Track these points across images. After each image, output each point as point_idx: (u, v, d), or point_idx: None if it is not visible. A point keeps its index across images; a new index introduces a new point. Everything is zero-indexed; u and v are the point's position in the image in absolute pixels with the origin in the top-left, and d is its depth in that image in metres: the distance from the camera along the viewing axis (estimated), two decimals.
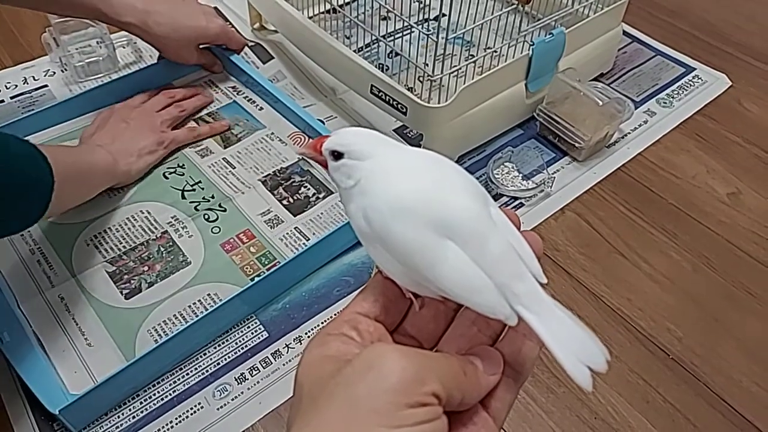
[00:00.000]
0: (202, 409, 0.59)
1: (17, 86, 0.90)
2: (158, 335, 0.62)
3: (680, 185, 0.81)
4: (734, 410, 0.60)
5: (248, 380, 0.60)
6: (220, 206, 0.74)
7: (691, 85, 0.95)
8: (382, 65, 0.86)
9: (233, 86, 0.89)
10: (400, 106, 0.74)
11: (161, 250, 0.69)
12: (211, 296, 0.65)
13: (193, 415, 0.58)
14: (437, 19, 0.69)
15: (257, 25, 0.99)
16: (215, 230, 0.71)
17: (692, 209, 0.78)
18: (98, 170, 0.69)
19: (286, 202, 0.75)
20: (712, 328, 0.66)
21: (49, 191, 0.57)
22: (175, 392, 0.59)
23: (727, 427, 0.59)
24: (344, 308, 0.34)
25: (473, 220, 0.31)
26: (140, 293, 0.65)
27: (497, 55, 0.79)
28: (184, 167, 0.78)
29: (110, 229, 0.71)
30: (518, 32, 0.76)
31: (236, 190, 0.76)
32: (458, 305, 0.35)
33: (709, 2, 1.13)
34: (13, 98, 0.88)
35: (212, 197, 0.75)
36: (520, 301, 0.31)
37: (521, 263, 0.32)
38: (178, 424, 0.57)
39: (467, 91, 0.72)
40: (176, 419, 0.58)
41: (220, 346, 0.63)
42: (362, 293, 0.34)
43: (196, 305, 0.65)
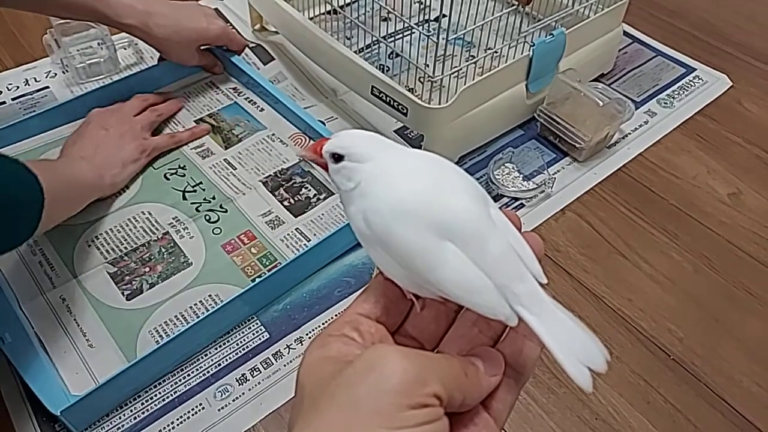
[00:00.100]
0: (203, 409, 0.59)
1: (18, 87, 0.90)
2: (159, 336, 0.62)
3: (681, 186, 0.81)
4: (735, 410, 0.60)
5: (249, 381, 0.61)
6: (221, 207, 0.74)
7: (691, 85, 0.95)
8: (382, 66, 0.86)
9: (234, 87, 0.89)
10: (400, 107, 0.74)
11: (162, 251, 0.69)
12: (212, 297, 0.65)
13: (194, 415, 0.58)
14: (438, 20, 0.69)
15: (258, 26, 0.99)
16: (216, 231, 0.71)
17: (693, 210, 0.78)
18: (84, 185, 0.68)
19: (287, 203, 0.75)
20: (712, 328, 0.66)
21: (39, 210, 0.56)
22: (176, 393, 0.59)
23: (727, 427, 0.59)
24: (345, 309, 0.34)
25: (473, 221, 0.31)
26: (141, 294, 0.66)
27: (498, 55, 0.79)
28: (185, 168, 0.78)
29: (111, 230, 0.71)
30: (519, 33, 0.76)
31: (237, 191, 0.76)
32: (459, 306, 0.35)
33: (709, 2, 1.13)
34: (14, 100, 0.88)
35: (213, 198, 0.75)
36: (520, 301, 0.31)
37: (521, 264, 0.32)
38: (179, 425, 0.58)
39: (468, 91, 0.72)
40: (177, 420, 0.58)
41: (221, 347, 0.63)
42: (363, 294, 0.35)
43: (197, 306, 0.65)
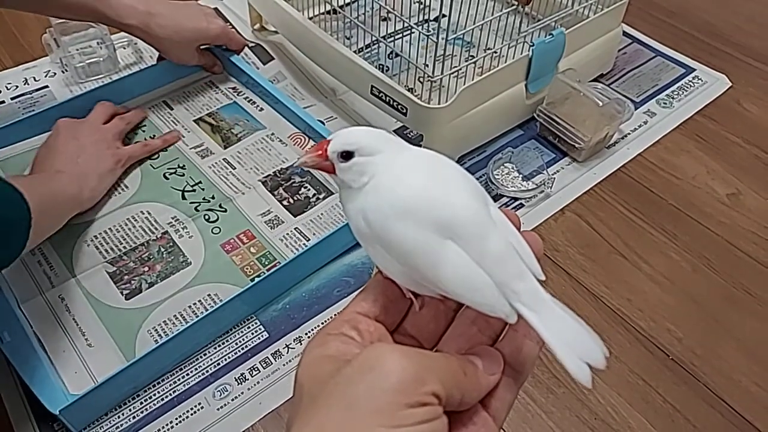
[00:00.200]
0: (202, 409, 0.59)
1: (18, 87, 0.90)
2: (158, 335, 0.62)
3: (680, 186, 0.81)
4: (734, 410, 0.60)
5: (248, 380, 0.61)
6: (220, 207, 0.74)
7: (691, 85, 0.95)
8: (382, 66, 0.86)
9: (233, 87, 0.89)
10: (400, 106, 0.74)
11: (161, 250, 0.69)
12: (211, 297, 0.65)
13: (193, 415, 0.58)
14: (437, 19, 0.69)
15: (257, 25, 0.99)
16: (215, 231, 0.71)
17: (692, 210, 0.78)
18: (65, 199, 0.66)
19: (286, 202, 0.75)
20: (711, 328, 0.66)
21: (27, 229, 0.55)
22: (175, 392, 0.59)
23: (726, 427, 0.59)
24: (344, 308, 0.34)
25: (474, 219, 0.31)
26: (140, 293, 0.65)
27: (497, 55, 0.79)
28: (184, 168, 0.78)
29: (110, 229, 0.71)
30: (518, 33, 0.76)
31: (236, 190, 0.76)
32: (458, 305, 0.35)
33: (708, 3, 1.13)
34: (13, 99, 0.88)
35: (212, 198, 0.75)
36: (519, 299, 0.31)
37: (521, 262, 0.32)
38: (178, 424, 0.58)
39: (467, 91, 0.72)
40: (176, 419, 0.58)
41: (220, 346, 0.63)
42: (362, 293, 0.35)
43: (196, 305, 0.65)
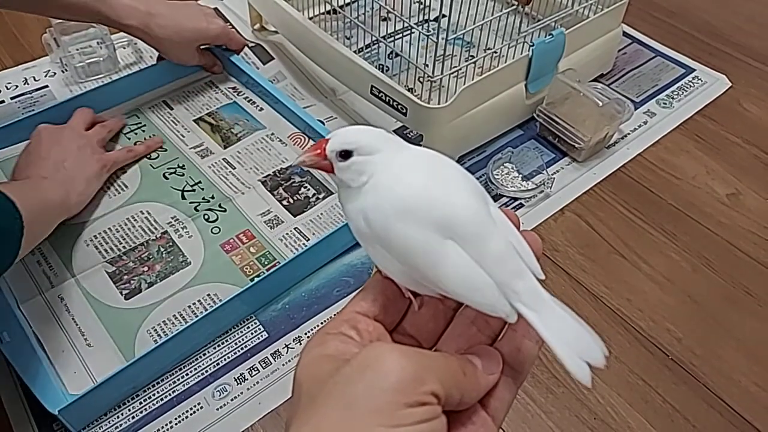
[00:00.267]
0: (201, 409, 0.59)
1: (18, 87, 0.90)
2: (158, 335, 0.62)
3: (680, 186, 0.81)
4: (733, 410, 0.60)
5: (248, 380, 0.61)
6: (220, 206, 0.74)
7: (690, 85, 0.95)
8: (382, 66, 0.86)
9: (233, 87, 0.89)
10: (400, 106, 0.74)
11: (161, 250, 0.69)
12: (210, 296, 0.65)
13: (192, 415, 0.58)
14: (437, 19, 0.69)
15: (257, 25, 0.99)
16: (215, 230, 0.71)
17: (692, 210, 0.78)
18: (53, 206, 0.65)
19: (286, 202, 0.75)
20: (711, 328, 0.66)
21: (19, 239, 0.54)
22: (174, 392, 0.59)
23: (726, 427, 0.59)
24: (343, 308, 0.34)
25: (474, 219, 0.31)
26: (140, 293, 0.65)
27: (497, 55, 0.79)
28: (184, 168, 0.78)
29: (110, 229, 0.71)
30: (518, 33, 0.76)
31: (236, 190, 0.76)
32: (457, 304, 0.35)
33: (708, 3, 1.13)
34: (13, 99, 0.88)
35: (212, 197, 0.75)
36: (519, 298, 0.31)
37: (521, 261, 0.32)
38: (177, 424, 0.58)
39: (467, 91, 0.72)
40: (176, 419, 0.58)
41: (219, 346, 0.63)
42: (361, 293, 0.34)
43: (195, 305, 0.65)
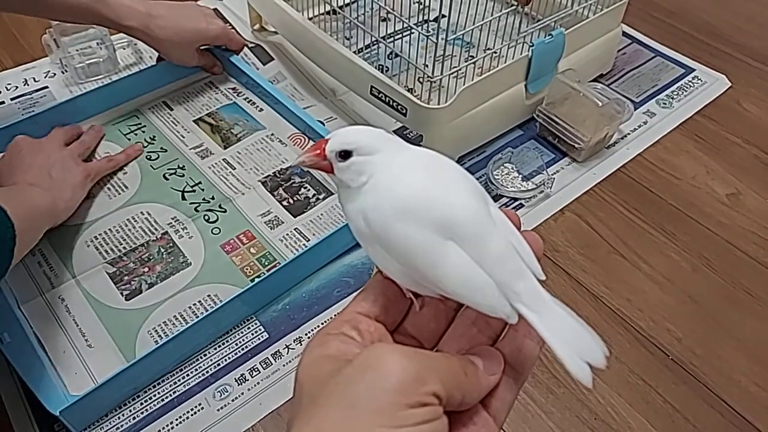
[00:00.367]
0: (202, 410, 0.59)
1: (18, 87, 0.90)
2: (158, 336, 0.62)
3: (680, 186, 0.81)
4: (734, 410, 0.60)
5: (248, 381, 0.61)
6: (220, 207, 0.74)
7: (690, 85, 0.95)
8: (381, 66, 0.86)
9: (233, 87, 0.89)
10: (399, 107, 0.74)
11: (161, 251, 0.69)
12: (211, 297, 0.65)
13: (193, 416, 0.58)
14: (437, 20, 0.69)
15: (257, 26, 0.99)
16: (215, 231, 0.71)
17: (692, 210, 0.78)
18: (41, 212, 0.64)
19: (286, 203, 0.75)
20: (711, 328, 0.66)
21: (12, 247, 0.54)
22: (175, 393, 0.59)
23: (726, 427, 0.59)
24: (344, 308, 0.34)
25: (474, 219, 0.31)
26: (140, 294, 0.65)
27: (497, 56, 0.79)
28: (184, 168, 0.78)
29: (110, 230, 0.71)
30: (518, 33, 0.76)
31: (236, 191, 0.76)
32: (458, 305, 0.35)
33: (708, 3, 1.13)
34: (13, 99, 0.88)
35: (212, 198, 0.75)
36: (520, 299, 0.31)
37: (521, 262, 0.32)
38: (178, 425, 0.58)
39: (467, 92, 0.72)
40: (176, 420, 0.58)
41: (220, 347, 0.63)
42: (362, 293, 0.34)
43: (196, 306, 0.65)
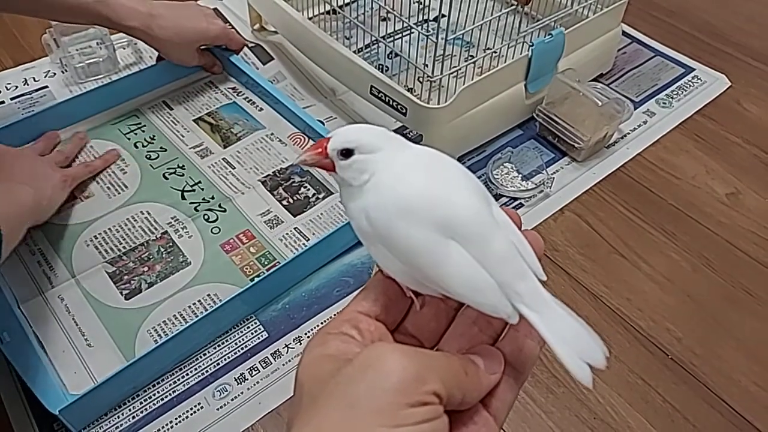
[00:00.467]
0: (201, 409, 0.59)
1: (17, 87, 0.90)
2: (158, 335, 0.62)
3: (680, 186, 0.81)
4: (733, 410, 0.60)
5: (248, 380, 0.61)
6: (219, 207, 0.74)
7: (690, 85, 0.95)
8: (381, 66, 0.86)
9: (233, 87, 0.89)
10: (399, 106, 0.74)
11: (161, 250, 0.69)
12: (210, 297, 0.65)
13: (192, 415, 0.58)
14: (437, 19, 0.69)
15: (257, 26, 0.99)
16: (215, 231, 0.71)
17: (692, 209, 0.78)
18: (27, 211, 0.64)
19: (285, 202, 0.75)
20: (711, 328, 0.66)
21: None
22: (175, 392, 0.59)
23: (726, 427, 0.59)
24: (345, 307, 0.34)
25: (477, 219, 0.31)
26: (140, 293, 0.65)
27: (497, 55, 0.79)
28: (183, 168, 0.78)
29: (110, 229, 0.71)
30: (518, 33, 0.76)
31: (236, 190, 0.76)
32: (459, 304, 0.35)
33: (708, 3, 1.13)
34: (13, 99, 0.88)
35: (212, 198, 0.75)
36: (522, 299, 0.31)
37: (523, 262, 0.32)
38: (177, 424, 0.58)
39: (467, 91, 0.72)
40: (176, 419, 0.58)
41: (219, 346, 0.63)
42: (363, 292, 0.34)
43: (195, 305, 0.65)
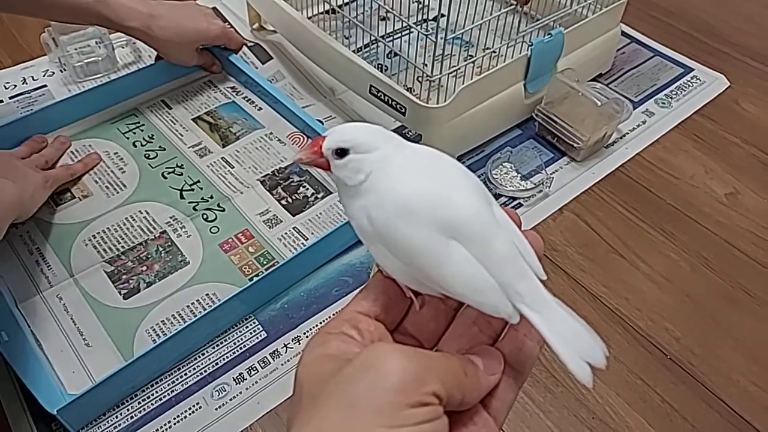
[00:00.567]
0: (200, 409, 0.58)
1: (16, 86, 0.90)
2: (156, 335, 0.62)
3: (678, 185, 0.81)
4: (732, 410, 0.60)
5: (246, 380, 0.60)
6: (218, 206, 0.74)
7: (689, 85, 0.95)
8: (381, 65, 0.86)
9: (232, 86, 0.89)
10: (399, 106, 0.74)
11: (160, 250, 0.69)
12: (209, 296, 0.65)
13: (191, 415, 0.58)
14: (436, 19, 0.69)
15: (256, 25, 0.99)
16: (214, 230, 0.71)
17: (690, 209, 0.78)
18: (10, 206, 0.63)
19: (284, 201, 0.75)
20: (710, 328, 0.66)
21: None
22: (173, 392, 0.59)
23: (724, 426, 0.59)
24: (344, 307, 0.34)
25: (477, 219, 0.31)
26: (139, 293, 0.65)
27: (496, 55, 0.79)
28: (182, 167, 0.78)
29: (109, 229, 0.71)
30: (517, 33, 0.76)
31: (235, 189, 0.76)
32: (459, 304, 0.35)
33: (707, 3, 1.13)
34: (12, 98, 0.88)
35: (211, 197, 0.75)
36: (522, 299, 0.31)
37: (524, 262, 0.32)
38: (176, 424, 0.57)
39: (466, 91, 0.72)
40: (174, 419, 0.58)
41: (218, 346, 0.63)
42: (362, 292, 0.34)
43: (194, 305, 0.65)
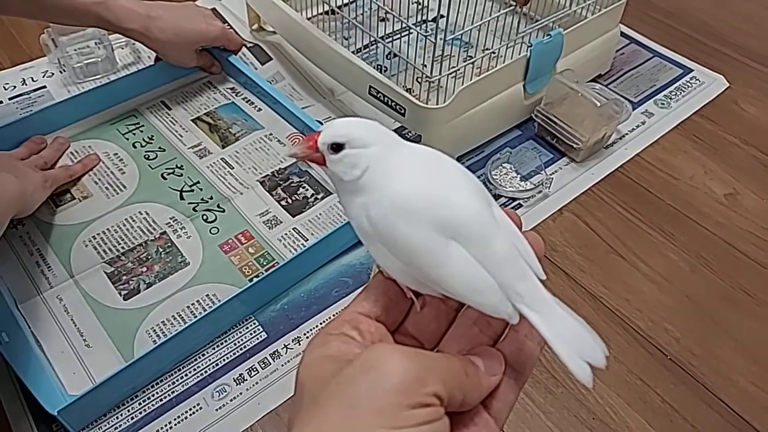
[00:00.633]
0: (200, 409, 0.59)
1: (15, 87, 0.90)
2: (157, 336, 0.62)
3: (678, 186, 0.81)
4: (732, 410, 0.60)
5: (247, 381, 0.60)
6: (218, 207, 0.74)
7: (688, 86, 0.95)
8: (380, 66, 0.86)
9: (232, 87, 0.89)
10: (398, 107, 0.74)
11: (160, 250, 0.69)
12: (209, 297, 0.65)
13: (191, 415, 0.58)
14: (435, 20, 0.69)
15: (256, 26, 0.99)
16: (214, 231, 0.71)
17: (690, 210, 0.78)
18: (11, 201, 0.63)
19: (284, 202, 0.75)
20: (709, 328, 0.67)
21: None
22: (173, 393, 0.59)
23: (724, 427, 0.59)
24: (345, 308, 0.34)
25: (477, 220, 0.31)
26: (139, 294, 0.65)
27: (495, 56, 0.79)
28: (182, 168, 0.78)
29: (109, 230, 0.71)
30: (516, 33, 0.76)
31: (235, 190, 0.76)
32: (459, 305, 0.35)
33: (707, 4, 1.13)
34: (11, 99, 0.88)
35: (211, 198, 0.75)
36: (522, 300, 0.31)
37: (524, 262, 0.32)
38: (177, 424, 0.57)
39: (465, 92, 0.72)
40: (175, 420, 0.58)
41: (218, 346, 0.63)
42: (363, 293, 0.34)
43: (194, 306, 0.65)
